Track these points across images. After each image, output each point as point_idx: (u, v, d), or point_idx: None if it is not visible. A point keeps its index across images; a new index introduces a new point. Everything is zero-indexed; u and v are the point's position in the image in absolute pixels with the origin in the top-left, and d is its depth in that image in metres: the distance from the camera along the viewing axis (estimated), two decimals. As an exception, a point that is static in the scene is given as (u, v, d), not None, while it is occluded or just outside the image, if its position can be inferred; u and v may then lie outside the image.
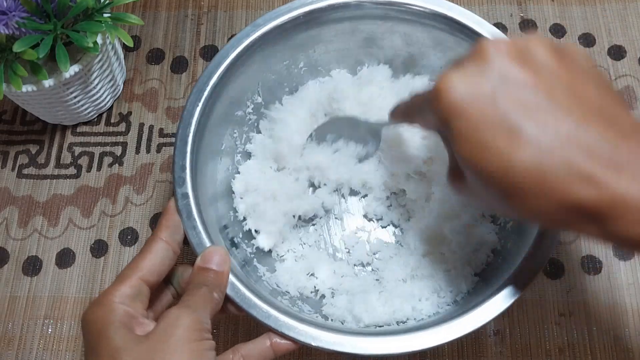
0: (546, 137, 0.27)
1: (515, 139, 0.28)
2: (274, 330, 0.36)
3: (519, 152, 0.27)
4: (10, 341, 0.48)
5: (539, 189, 0.27)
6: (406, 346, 0.36)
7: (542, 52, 0.29)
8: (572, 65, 0.30)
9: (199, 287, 0.35)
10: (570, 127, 0.27)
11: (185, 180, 0.40)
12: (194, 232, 0.38)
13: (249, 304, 0.37)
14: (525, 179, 0.28)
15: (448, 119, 0.29)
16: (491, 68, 0.29)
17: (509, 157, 0.28)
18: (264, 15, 0.45)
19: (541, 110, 0.28)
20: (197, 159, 0.41)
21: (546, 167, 0.27)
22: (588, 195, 0.27)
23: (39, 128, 0.56)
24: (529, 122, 0.28)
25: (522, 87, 0.28)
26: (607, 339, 0.46)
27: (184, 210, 0.39)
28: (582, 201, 0.27)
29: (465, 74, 0.29)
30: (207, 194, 0.43)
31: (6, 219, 0.52)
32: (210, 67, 0.43)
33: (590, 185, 0.27)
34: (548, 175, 0.27)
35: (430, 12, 0.45)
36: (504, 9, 0.60)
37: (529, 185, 0.28)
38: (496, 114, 0.28)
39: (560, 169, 0.27)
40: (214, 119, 0.44)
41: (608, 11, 0.59)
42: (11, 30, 0.44)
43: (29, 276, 0.50)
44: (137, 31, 0.60)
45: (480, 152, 0.28)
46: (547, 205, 0.28)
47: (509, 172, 0.28)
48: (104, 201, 0.53)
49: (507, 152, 0.28)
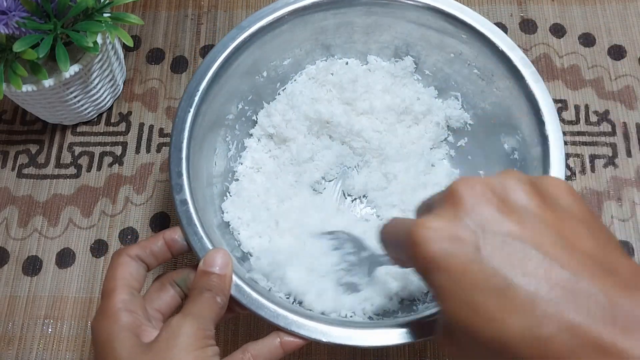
0: (541, 297, 0.24)
1: (507, 301, 0.24)
2: (284, 329, 0.36)
3: (513, 317, 0.24)
4: (10, 341, 0.48)
5: (541, 357, 0.24)
6: (417, 335, 0.36)
7: (521, 195, 0.27)
8: (557, 207, 0.27)
9: (202, 292, 0.35)
10: (566, 283, 0.24)
11: (182, 186, 0.40)
12: (195, 237, 0.38)
13: (257, 305, 0.37)
14: (525, 348, 0.24)
15: (428, 274, 0.27)
16: (469, 216, 0.26)
17: (502, 324, 0.24)
18: (249, 17, 0.45)
19: (531, 265, 0.25)
20: (192, 165, 0.41)
21: (546, 333, 0.24)
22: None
23: (39, 128, 0.56)
24: (519, 280, 0.24)
25: (506, 237, 0.25)
26: (607, 339, 0.46)
27: (183, 216, 0.39)
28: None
29: (441, 223, 0.26)
30: (205, 199, 0.43)
31: (6, 218, 0.52)
32: (198, 72, 0.43)
33: (597, 351, 0.23)
34: (549, 342, 0.24)
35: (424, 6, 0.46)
36: (504, 9, 0.60)
37: (530, 354, 0.24)
38: (481, 269, 0.25)
39: (562, 334, 0.23)
40: (206, 124, 0.44)
41: (608, 11, 0.59)
42: (11, 30, 0.44)
43: (29, 276, 0.50)
44: (137, 31, 0.60)
45: (469, 315, 0.25)
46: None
47: (504, 341, 0.24)
48: (104, 201, 0.53)
49: (500, 317, 0.24)
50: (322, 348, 0.47)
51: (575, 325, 0.23)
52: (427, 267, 0.27)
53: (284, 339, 0.36)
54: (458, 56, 0.48)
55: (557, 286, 0.24)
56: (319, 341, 0.36)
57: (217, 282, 0.36)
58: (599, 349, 0.23)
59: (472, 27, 0.45)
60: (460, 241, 0.26)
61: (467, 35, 0.45)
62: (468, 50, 0.47)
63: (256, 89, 0.50)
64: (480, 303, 0.25)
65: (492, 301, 0.25)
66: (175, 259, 0.50)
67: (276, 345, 0.36)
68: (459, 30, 0.46)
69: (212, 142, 0.47)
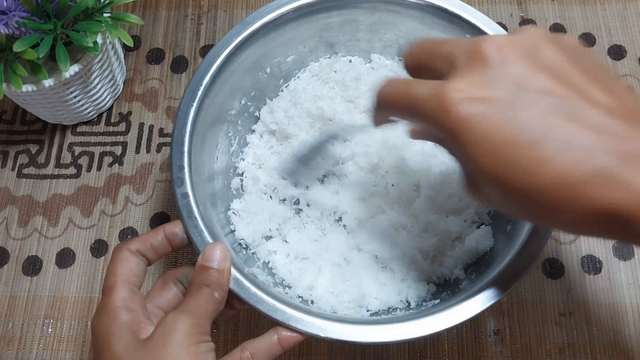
0: (573, 146, 0.25)
1: (539, 154, 0.25)
2: (282, 324, 0.36)
3: (545, 168, 0.25)
4: (10, 341, 0.48)
5: (570, 203, 0.25)
6: (415, 332, 0.36)
7: (550, 51, 0.27)
8: (582, 61, 0.28)
9: (200, 287, 0.35)
10: (596, 130, 0.25)
11: (184, 180, 0.40)
12: (195, 231, 0.38)
13: (255, 299, 0.37)
14: (555, 196, 0.25)
15: (459, 135, 0.27)
16: (500, 75, 0.27)
17: (535, 176, 0.26)
18: (253, 13, 0.45)
19: (562, 116, 0.26)
20: (194, 159, 0.41)
21: (576, 178, 0.25)
22: (619, 199, 0.25)
23: (39, 128, 0.56)
24: (552, 132, 0.25)
25: (538, 94, 0.26)
26: (607, 339, 0.46)
27: (184, 209, 0.39)
28: (614, 206, 0.25)
29: (471, 85, 0.27)
30: (206, 193, 0.43)
31: (6, 218, 0.52)
32: (202, 67, 0.43)
33: (620, 188, 0.25)
34: (579, 187, 0.25)
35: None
36: (504, 9, 0.60)
37: (559, 201, 0.26)
38: (514, 127, 0.26)
39: (591, 178, 0.25)
40: (209, 119, 0.44)
41: (608, 11, 0.59)
42: (11, 30, 0.44)
43: (29, 276, 0.50)
44: (137, 31, 0.60)
45: (502, 170, 0.26)
46: (578, 217, 0.26)
47: (536, 191, 0.26)
48: (104, 201, 0.53)
49: (533, 170, 0.26)
50: (322, 348, 0.47)
51: (604, 167, 0.25)
52: (458, 129, 0.27)
53: (281, 334, 0.36)
54: None
55: (588, 135, 0.25)
56: (317, 336, 0.36)
57: (216, 277, 0.36)
58: (620, 184, 0.24)
59: (475, 26, 0.45)
60: (492, 101, 0.26)
61: (471, 35, 0.45)
62: None
63: (259, 85, 0.50)
64: (512, 158, 0.26)
65: (526, 156, 0.26)
66: (176, 253, 0.50)
67: (274, 342, 0.36)
68: (462, 29, 0.46)
69: (214, 137, 0.47)
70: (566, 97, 0.26)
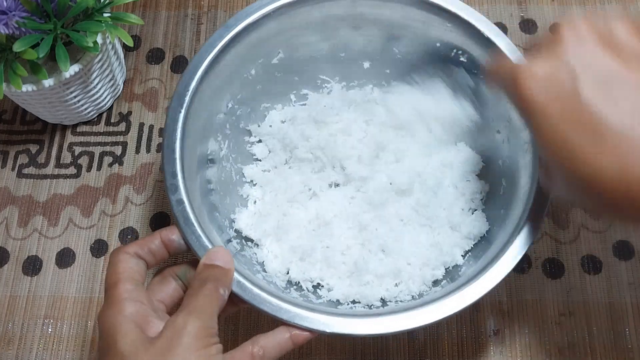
0: (631, 137, 0.25)
1: (599, 140, 0.26)
2: (287, 322, 0.37)
3: (604, 159, 0.26)
4: (10, 341, 0.48)
5: (626, 198, 0.26)
6: (420, 321, 0.36)
7: (625, 33, 0.28)
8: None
9: (204, 283, 0.35)
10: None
11: (177, 186, 0.40)
12: (193, 237, 0.38)
13: (259, 300, 0.37)
14: (612, 187, 0.26)
15: (527, 114, 0.28)
16: (570, 54, 0.27)
17: (594, 166, 0.26)
18: (235, 14, 0.45)
19: (627, 103, 0.26)
20: (186, 165, 0.41)
21: (632, 176, 0.25)
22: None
23: (39, 128, 0.56)
24: (612, 117, 0.26)
25: (606, 74, 0.26)
26: (607, 339, 0.46)
27: (180, 216, 0.39)
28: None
29: (543, 67, 0.27)
30: (201, 198, 0.43)
31: (6, 218, 0.52)
32: (188, 72, 0.43)
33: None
34: (634, 184, 0.25)
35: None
36: (504, 9, 0.60)
37: (614, 194, 0.26)
38: (577, 109, 0.26)
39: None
40: (198, 124, 0.44)
41: (608, 11, 0.59)
42: (11, 30, 0.44)
43: (29, 276, 0.50)
44: (137, 31, 0.60)
45: (565, 155, 0.27)
46: (632, 210, 0.26)
47: (594, 179, 0.26)
48: (104, 201, 0.53)
49: (593, 160, 0.26)
50: (322, 348, 0.47)
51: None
52: (528, 109, 0.28)
53: (294, 332, 0.36)
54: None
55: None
56: (323, 332, 0.36)
57: (221, 273, 0.36)
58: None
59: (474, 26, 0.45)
60: (559, 83, 0.27)
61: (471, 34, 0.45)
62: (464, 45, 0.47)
63: (245, 88, 0.49)
64: (576, 145, 0.26)
65: (587, 141, 0.26)
66: (175, 258, 0.50)
67: (286, 338, 0.36)
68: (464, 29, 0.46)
69: (205, 141, 0.47)
70: (633, 79, 0.26)
